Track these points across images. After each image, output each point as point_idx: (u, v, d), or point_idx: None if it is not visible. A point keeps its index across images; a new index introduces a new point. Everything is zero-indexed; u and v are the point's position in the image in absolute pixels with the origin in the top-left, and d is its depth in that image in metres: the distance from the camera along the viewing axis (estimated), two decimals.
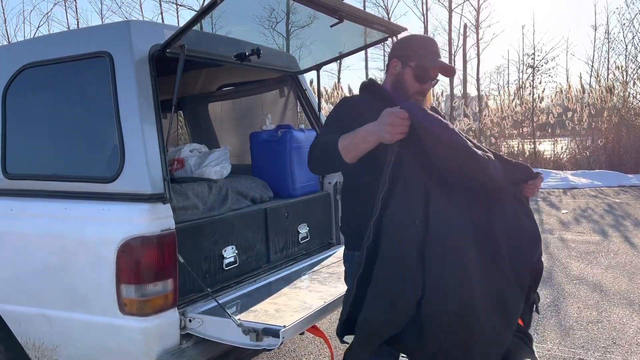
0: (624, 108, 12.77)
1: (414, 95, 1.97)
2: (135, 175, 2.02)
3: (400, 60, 1.97)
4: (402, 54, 1.98)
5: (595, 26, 28.56)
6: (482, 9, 24.71)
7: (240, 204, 2.71)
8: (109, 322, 2.02)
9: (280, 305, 2.22)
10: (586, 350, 3.24)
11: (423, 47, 1.97)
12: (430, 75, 1.96)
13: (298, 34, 2.99)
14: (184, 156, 2.94)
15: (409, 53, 1.96)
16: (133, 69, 2.07)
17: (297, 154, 3.08)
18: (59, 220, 2.14)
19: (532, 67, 14.75)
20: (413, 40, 2.00)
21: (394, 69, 1.99)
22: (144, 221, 1.96)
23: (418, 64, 1.94)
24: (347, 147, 1.72)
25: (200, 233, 2.35)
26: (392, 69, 2.00)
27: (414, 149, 1.69)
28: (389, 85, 2.03)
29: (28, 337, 2.25)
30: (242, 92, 3.83)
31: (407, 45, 1.99)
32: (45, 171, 2.28)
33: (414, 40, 2.01)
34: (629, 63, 16.82)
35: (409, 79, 1.96)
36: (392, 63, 2.00)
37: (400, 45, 2.02)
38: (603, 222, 7.03)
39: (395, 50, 2.01)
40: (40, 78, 2.35)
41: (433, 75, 1.97)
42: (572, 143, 13.31)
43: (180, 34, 2.05)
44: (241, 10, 2.45)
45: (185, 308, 2.15)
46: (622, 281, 4.54)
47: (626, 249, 5.60)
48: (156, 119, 2.08)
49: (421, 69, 1.94)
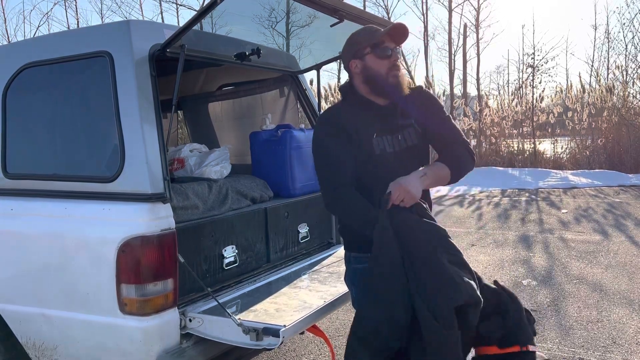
0: (624, 108, 12.77)
1: (390, 73, 1.91)
2: (135, 175, 2.02)
3: (357, 57, 1.94)
4: (354, 52, 1.94)
5: (595, 26, 28.62)
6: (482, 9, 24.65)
7: (240, 204, 2.71)
8: (109, 321, 2.02)
9: (281, 305, 2.22)
10: (586, 350, 3.24)
11: (364, 33, 1.96)
12: (388, 45, 1.91)
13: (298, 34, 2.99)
14: (184, 156, 2.94)
15: (358, 46, 1.93)
16: (133, 69, 2.07)
17: (297, 154, 3.08)
18: (59, 219, 2.14)
19: (532, 66, 14.76)
20: (356, 36, 1.97)
21: (357, 68, 1.95)
22: (144, 221, 1.96)
23: (371, 45, 1.91)
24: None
25: (200, 233, 2.35)
26: (354, 70, 1.96)
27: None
28: (361, 86, 1.97)
29: (28, 337, 2.25)
30: (242, 91, 3.83)
31: (352, 43, 1.96)
32: (45, 171, 2.28)
33: (357, 35, 1.97)
34: (629, 63, 16.82)
35: (373, 63, 1.91)
36: (351, 66, 1.96)
37: (349, 47, 1.98)
38: (603, 222, 7.03)
39: (347, 54, 1.98)
40: (40, 78, 2.35)
41: (390, 44, 1.92)
42: (572, 143, 13.32)
43: (180, 33, 2.05)
44: (241, 10, 2.45)
45: (185, 308, 2.15)
46: (622, 281, 4.54)
47: (626, 249, 5.60)
48: (156, 118, 2.08)
49: (376, 45, 1.90)
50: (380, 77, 1.91)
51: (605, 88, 13.15)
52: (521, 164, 13.32)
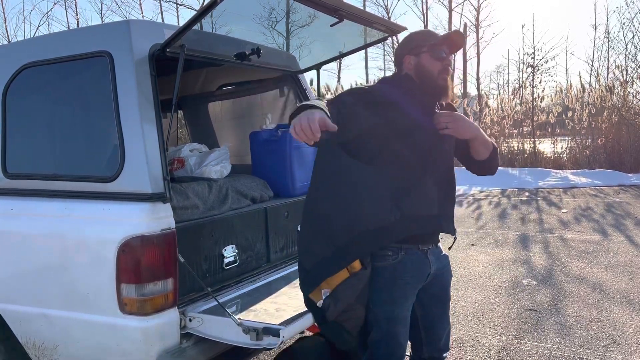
0: (623, 107, 12.77)
1: (440, 75, 1.99)
2: (135, 175, 2.02)
3: (412, 54, 2.00)
4: (411, 48, 2.01)
5: (595, 25, 28.63)
6: (482, 9, 24.73)
7: (240, 204, 2.71)
8: (109, 321, 2.02)
9: (281, 305, 2.22)
10: (586, 350, 3.24)
11: (426, 35, 2.02)
12: (445, 50, 1.99)
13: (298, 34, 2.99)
14: (184, 156, 2.94)
15: (417, 44, 2.00)
16: (133, 69, 2.07)
17: (297, 154, 3.08)
18: (59, 219, 2.14)
19: (532, 66, 14.75)
20: (415, 34, 2.05)
21: (410, 64, 2.01)
22: (144, 220, 1.96)
23: (428, 45, 1.98)
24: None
25: (200, 232, 2.35)
26: (407, 65, 2.02)
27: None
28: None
29: (28, 337, 2.25)
30: (242, 91, 3.83)
31: (412, 39, 2.03)
32: (45, 171, 2.28)
33: (416, 34, 2.06)
34: (629, 62, 16.84)
35: (428, 62, 1.98)
36: (405, 61, 2.02)
37: (406, 43, 2.05)
38: (603, 222, 7.03)
39: (403, 49, 2.04)
40: (40, 78, 2.35)
41: (447, 49, 2.00)
42: (572, 142, 13.32)
43: (180, 33, 2.05)
44: (241, 9, 2.45)
45: (185, 307, 2.15)
46: (622, 280, 4.54)
47: (626, 248, 5.60)
48: (156, 118, 2.08)
49: (433, 46, 1.97)
50: (431, 76, 1.97)
51: (605, 88, 13.15)
52: (521, 164, 13.33)
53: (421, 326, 2.11)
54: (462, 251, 5.81)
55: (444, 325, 2.13)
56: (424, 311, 2.09)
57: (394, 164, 1.90)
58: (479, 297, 4.25)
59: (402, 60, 2.04)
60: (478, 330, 3.58)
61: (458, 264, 5.26)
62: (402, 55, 2.04)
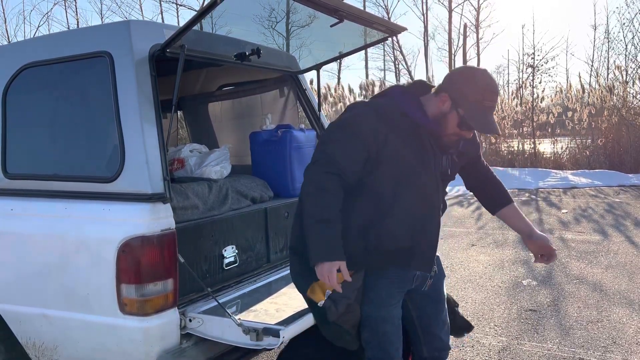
0: (624, 108, 12.77)
1: (450, 136, 1.88)
2: (135, 175, 2.02)
3: (452, 100, 1.83)
4: (456, 95, 1.82)
5: (595, 26, 28.65)
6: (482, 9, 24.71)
7: (240, 204, 2.71)
8: (109, 322, 2.02)
9: (281, 305, 2.22)
10: (586, 350, 3.24)
11: (480, 99, 1.81)
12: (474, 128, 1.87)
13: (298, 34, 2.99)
14: (184, 156, 2.94)
15: (463, 98, 1.81)
16: (133, 69, 2.07)
17: (297, 154, 3.08)
18: (59, 220, 2.14)
19: (532, 66, 14.75)
20: (472, 84, 1.82)
21: (443, 104, 1.85)
22: (144, 221, 1.96)
23: (466, 117, 1.82)
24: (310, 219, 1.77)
25: (200, 233, 2.35)
26: (440, 102, 1.86)
27: None
28: (431, 112, 1.89)
29: (28, 337, 2.25)
30: (242, 92, 3.83)
31: (465, 87, 1.82)
32: (45, 171, 2.28)
33: (474, 84, 1.82)
34: (629, 63, 16.84)
35: (452, 122, 1.85)
36: (442, 96, 1.85)
37: (458, 82, 1.85)
38: (603, 222, 7.03)
39: (451, 84, 1.86)
40: (40, 78, 2.35)
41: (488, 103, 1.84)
42: (572, 143, 13.32)
43: (180, 34, 2.05)
44: (241, 10, 2.45)
45: (185, 308, 2.15)
46: (622, 281, 4.54)
47: (626, 249, 5.60)
48: (156, 118, 2.08)
49: (467, 123, 1.84)
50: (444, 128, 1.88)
51: (605, 88, 13.15)
52: (521, 164, 13.32)
53: (418, 327, 2.12)
54: (462, 251, 5.81)
55: (441, 325, 2.13)
56: (419, 312, 2.11)
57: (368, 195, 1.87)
58: (479, 298, 4.25)
59: (442, 93, 1.87)
60: (478, 331, 3.58)
61: (458, 265, 5.26)
62: (446, 88, 1.86)
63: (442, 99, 1.86)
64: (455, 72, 1.92)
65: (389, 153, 1.83)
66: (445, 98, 1.84)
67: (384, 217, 1.85)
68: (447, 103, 1.85)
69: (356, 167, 1.82)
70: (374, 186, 1.86)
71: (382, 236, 1.86)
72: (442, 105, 1.86)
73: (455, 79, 1.87)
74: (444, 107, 1.85)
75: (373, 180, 1.85)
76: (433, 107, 1.89)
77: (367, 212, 1.87)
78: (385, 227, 1.86)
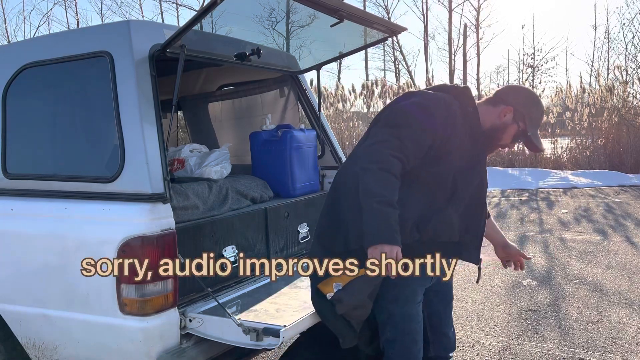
0: (624, 108, 12.76)
1: (498, 145, 2.04)
2: (135, 175, 2.02)
3: (515, 114, 1.99)
4: (520, 111, 1.99)
5: (595, 26, 28.69)
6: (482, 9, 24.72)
7: (240, 204, 2.71)
8: (109, 322, 2.02)
9: (281, 305, 2.22)
10: (586, 350, 3.24)
11: (538, 118, 2.03)
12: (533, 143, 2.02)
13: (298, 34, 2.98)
14: (184, 156, 2.94)
15: (526, 116, 1.99)
16: (133, 69, 2.07)
17: (297, 154, 3.08)
18: (59, 220, 2.14)
19: (532, 66, 14.79)
20: (536, 104, 2.03)
21: (504, 115, 2.00)
22: (144, 221, 1.96)
23: (524, 131, 1.99)
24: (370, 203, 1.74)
25: (200, 233, 2.35)
26: (502, 113, 2.01)
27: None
28: (488, 120, 2.02)
29: (28, 337, 2.25)
30: (242, 92, 3.83)
31: (530, 108, 2.01)
32: (45, 171, 2.29)
33: (537, 104, 2.04)
34: (629, 63, 16.84)
35: (509, 133, 2.01)
36: (505, 108, 2.01)
37: (523, 100, 2.02)
38: (603, 222, 7.03)
39: (515, 99, 2.01)
40: (40, 78, 2.35)
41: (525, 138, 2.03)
42: (572, 143, 13.31)
43: (180, 34, 2.05)
44: (241, 10, 2.45)
45: (185, 308, 2.15)
46: (622, 281, 4.54)
47: (626, 249, 5.60)
48: (156, 118, 2.08)
49: (522, 136, 2.00)
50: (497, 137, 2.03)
51: (605, 88, 13.14)
52: (521, 164, 13.32)
53: (427, 325, 2.13)
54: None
55: (449, 324, 2.15)
56: (430, 310, 2.12)
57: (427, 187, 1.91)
58: (479, 298, 4.25)
59: (504, 105, 2.00)
60: (478, 331, 3.58)
61: (458, 265, 5.26)
62: (509, 102, 2.00)
63: (504, 111, 2.00)
64: (519, 88, 2.09)
65: (452, 146, 1.90)
66: (508, 110, 1.99)
67: (442, 210, 1.91)
68: (509, 114, 2.00)
69: (420, 154, 1.87)
70: (434, 179, 1.91)
71: (439, 229, 1.91)
72: (503, 116, 2.00)
73: (520, 95, 2.03)
74: (505, 119, 2.00)
75: (435, 173, 1.91)
76: (492, 116, 2.02)
77: (425, 204, 1.91)
78: (443, 219, 1.91)
